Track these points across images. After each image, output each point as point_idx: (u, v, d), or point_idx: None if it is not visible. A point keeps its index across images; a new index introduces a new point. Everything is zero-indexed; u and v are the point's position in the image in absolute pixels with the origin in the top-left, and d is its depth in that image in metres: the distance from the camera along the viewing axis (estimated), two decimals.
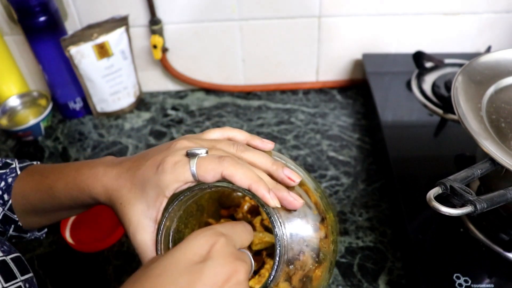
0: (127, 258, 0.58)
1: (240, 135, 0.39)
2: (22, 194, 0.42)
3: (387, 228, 0.60)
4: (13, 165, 0.44)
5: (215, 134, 0.39)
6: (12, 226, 0.43)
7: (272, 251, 0.40)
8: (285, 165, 0.37)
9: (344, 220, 0.61)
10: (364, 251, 0.57)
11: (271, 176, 0.35)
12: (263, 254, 0.42)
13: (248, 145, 0.38)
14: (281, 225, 0.33)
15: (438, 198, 0.39)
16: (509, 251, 0.47)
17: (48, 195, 0.40)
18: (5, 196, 0.42)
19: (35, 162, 0.46)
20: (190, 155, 0.34)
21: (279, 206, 0.33)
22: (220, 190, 0.43)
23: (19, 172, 0.43)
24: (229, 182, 0.33)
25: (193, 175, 0.33)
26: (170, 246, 0.36)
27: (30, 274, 0.38)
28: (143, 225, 0.35)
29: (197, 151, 0.34)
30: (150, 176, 0.35)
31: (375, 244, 0.58)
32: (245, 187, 0.33)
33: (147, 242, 0.35)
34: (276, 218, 0.33)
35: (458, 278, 0.46)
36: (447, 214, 0.38)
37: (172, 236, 0.36)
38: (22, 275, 0.36)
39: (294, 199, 0.34)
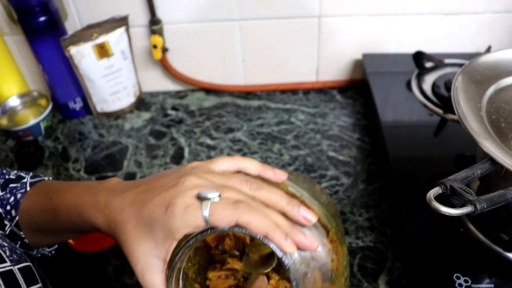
0: (127, 258, 0.58)
1: (251, 166, 0.38)
2: (28, 213, 0.41)
3: (387, 228, 0.60)
4: (25, 180, 0.44)
5: (224, 164, 0.37)
6: (19, 242, 0.43)
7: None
8: (299, 201, 0.35)
9: (344, 220, 0.61)
10: (364, 251, 0.57)
11: (285, 215, 0.34)
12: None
13: (260, 178, 0.37)
14: (293, 262, 0.33)
15: (438, 198, 0.39)
16: (509, 251, 0.47)
17: (52, 217, 0.40)
18: (13, 212, 0.42)
19: (46, 178, 0.46)
20: (201, 198, 0.32)
21: (295, 251, 0.32)
22: None
23: (28, 188, 0.43)
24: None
25: (206, 221, 0.32)
26: (180, 285, 0.35)
27: (38, 285, 0.37)
28: (152, 265, 0.33)
29: (209, 195, 0.32)
30: (158, 216, 0.33)
31: (375, 244, 0.58)
32: (262, 235, 0.32)
33: (156, 282, 0.34)
34: (290, 259, 0.32)
35: (458, 278, 0.46)
36: (447, 214, 0.38)
37: (182, 274, 0.36)
38: (28, 285, 0.36)
39: (310, 243, 0.33)
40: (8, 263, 0.35)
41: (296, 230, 0.33)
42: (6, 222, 0.42)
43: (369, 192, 0.65)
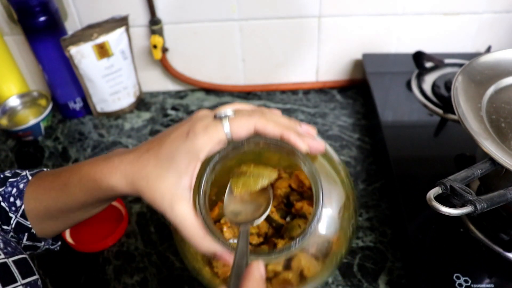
0: (127, 258, 0.58)
1: (249, 106, 0.40)
2: (35, 197, 0.41)
3: (387, 228, 0.60)
4: (24, 173, 0.44)
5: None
6: (26, 234, 0.42)
7: (277, 229, 0.40)
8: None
9: None
10: (364, 251, 0.57)
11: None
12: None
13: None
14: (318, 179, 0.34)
15: (438, 198, 0.39)
16: (509, 251, 0.47)
17: (63, 192, 0.40)
18: (18, 202, 0.41)
19: (45, 169, 0.46)
20: (219, 117, 0.35)
21: (309, 150, 0.35)
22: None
23: (30, 178, 0.43)
24: (260, 137, 0.35)
25: (227, 134, 0.34)
26: (207, 209, 0.35)
27: (35, 277, 0.37)
28: (178, 196, 0.34)
29: (226, 113, 0.35)
30: (180, 144, 0.35)
31: (375, 244, 0.58)
32: (277, 136, 0.34)
33: (186, 211, 0.34)
34: (310, 164, 0.34)
35: (458, 278, 0.46)
36: (447, 214, 0.38)
37: (207, 199, 0.36)
38: (24, 277, 0.36)
39: (319, 143, 0.36)
40: (2, 256, 0.35)
41: (305, 134, 0.36)
42: (11, 215, 0.41)
43: (369, 192, 0.65)
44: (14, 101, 0.82)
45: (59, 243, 0.48)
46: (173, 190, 0.34)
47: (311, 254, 0.35)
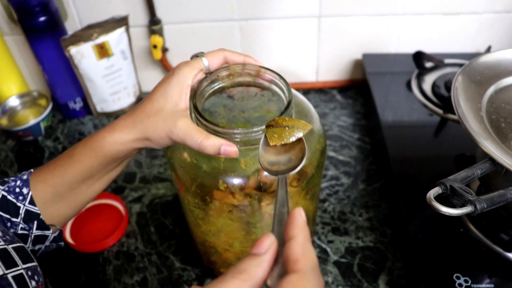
0: (127, 258, 0.58)
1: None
2: (42, 179, 0.42)
3: (387, 228, 0.60)
4: (23, 173, 0.44)
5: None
6: (35, 222, 0.43)
7: None
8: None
9: (344, 220, 0.61)
10: (364, 251, 0.57)
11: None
12: None
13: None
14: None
15: (438, 198, 0.39)
16: (509, 251, 0.47)
17: (69, 164, 0.42)
18: (24, 190, 0.42)
19: None
20: (195, 55, 0.42)
21: (261, 63, 0.44)
22: None
23: (32, 170, 0.44)
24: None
25: (205, 62, 0.42)
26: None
27: (34, 263, 0.37)
28: (178, 115, 0.39)
29: (201, 52, 0.43)
30: (169, 81, 0.40)
31: (375, 244, 0.58)
32: (241, 61, 0.43)
33: (188, 123, 0.38)
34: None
35: (458, 278, 0.46)
36: (447, 214, 0.38)
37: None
38: (24, 263, 0.36)
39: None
40: (2, 243, 0.36)
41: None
42: (19, 204, 0.42)
43: (369, 192, 0.65)
44: (14, 101, 0.82)
45: (63, 243, 0.48)
46: (173, 114, 0.39)
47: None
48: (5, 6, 0.75)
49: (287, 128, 0.36)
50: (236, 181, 0.40)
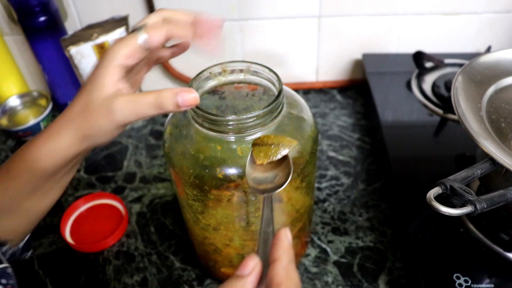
0: (127, 258, 0.58)
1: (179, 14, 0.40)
2: None
3: (387, 228, 0.60)
4: None
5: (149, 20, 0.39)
6: None
7: None
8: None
9: (344, 220, 0.61)
10: (364, 251, 0.57)
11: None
12: None
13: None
14: None
15: (438, 198, 0.39)
16: (509, 251, 0.47)
17: (7, 180, 0.37)
18: None
19: None
20: (133, 29, 0.36)
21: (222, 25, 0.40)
22: None
23: None
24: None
25: (143, 39, 0.35)
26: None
27: (5, 265, 0.36)
28: (108, 100, 0.34)
29: (138, 25, 0.37)
30: (98, 64, 0.35)
31: (375, 244, 0.58)
32: (189, 18, 0.38)
33: (125, 99, 0.34)
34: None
35: (458, 278, 0.46)
36: (447, 214, 0.38)
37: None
38: None
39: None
40: None
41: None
42: None
43: (369, 192, 0.65)
44: (14, 101, 0.82)
45: (31, 251, 0.45)
46: (103, 102, 0.34)
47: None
48: (5, 6, 0.75)
49: (272, 146, 0.37)
50: (234, 168, 0.40)
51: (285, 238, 0.29)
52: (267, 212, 0.32)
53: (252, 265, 0.28)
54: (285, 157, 0.37)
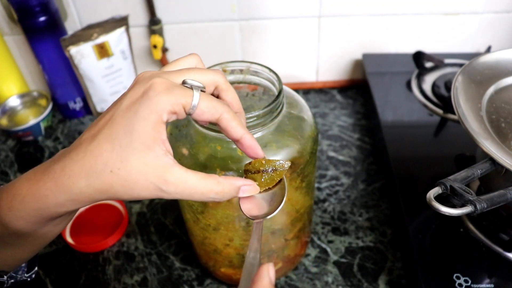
0: (127, 258, 0.58)
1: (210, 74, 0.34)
2: None
3: (387, 228, 0.60)
4: None
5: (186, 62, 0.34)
6: None
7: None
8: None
9: (344, 220, 0.61)
10: (364, 251, 0.57)
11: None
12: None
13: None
14: None
15: (438, 198, 0.39)
16: (509, 251, 0.47)
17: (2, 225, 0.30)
18: None
19: None
20: (190, 85, 0.30)
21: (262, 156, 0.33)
22: None
23: None
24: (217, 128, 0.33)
25: (194, 105, 0.29)
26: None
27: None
28: (163, 166, 0.27)
29: (197, 84, 0.30)
30: (137, 109, 0.27)
31: (375, 244, 0.58)
32: (237, 137, 0.31)
33: (183, 172, 0.28)
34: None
35: (458, 278, 0.46)
36: (447, 214, 0.38)
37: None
38: None
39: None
40: None
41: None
42: None
43: (369, 192, 0.65)
44: (14, 101, 0.82)
45: (35, 269, 0.38)
46: (153, 164, 0.27)
47: None
48: (5, 6, 0.75)
49: (265, 172, 0.34)
50: (234, 168, 0.40)
51: (266, 276, 0.27)
52: (253, 240, 0.30)
53: None
54: (280, 180, 0.35)
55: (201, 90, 0.30)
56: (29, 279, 0.37)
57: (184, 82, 0.30)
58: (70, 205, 0.28)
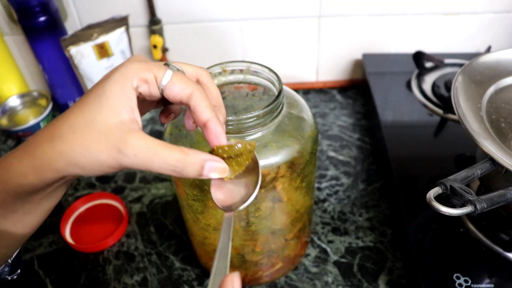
0: (127, 258, 0.58)
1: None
2: None
3: (387, 228, 0.60)
4: None
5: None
6: None
7: None
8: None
9: (344, 220, 0.61)
10: (364, 251, 0.57)
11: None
12: None
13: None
14: None
15: (438, 198, 0.39)
16: (509, 251, 0.47)
17: None
18: None
19: None
20: (166, 64, 0.31)
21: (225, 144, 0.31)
22: None
23: None
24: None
25: (166, 77, 0.29)
26: None
27: None
28: (124, 128, 0.27)
29: (175, 66, 0.31)
30: (109, 78, 0.28)
31: (375, 244, 0.58)
32: (203, 120, 0.30)
33: (146, 138, 0.27)
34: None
35: (458, 278, 0.46)
36: (447, 214, 0.38)
37: None
38: None
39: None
40: None
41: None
42: None
43: (369, 192, 0.65)
44: (14, 101, 0.82)
45: (19, 271, 0.38)
46: (116, 127, 0.27)
47: None
48: (5, 6, 0.75)
49: (230, 159, 0.31)
50: None
51: (230, 287, 0.24)
52: (223, 240, 0.27)
53: None
54: (255, 163, 0.33)
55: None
56: (9, 278, 0.37)
57: (165, 64, 0.30)
58: (32, 176, 0.28)
